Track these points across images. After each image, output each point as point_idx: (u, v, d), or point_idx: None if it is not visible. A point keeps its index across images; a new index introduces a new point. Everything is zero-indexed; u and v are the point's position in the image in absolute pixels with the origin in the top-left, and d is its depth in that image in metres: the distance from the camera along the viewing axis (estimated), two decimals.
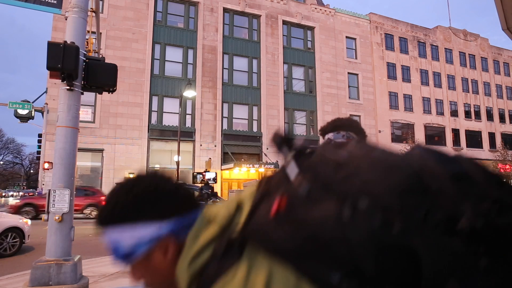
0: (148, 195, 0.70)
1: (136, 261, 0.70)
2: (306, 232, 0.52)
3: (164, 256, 0.70)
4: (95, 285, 4.96)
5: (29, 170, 61.08)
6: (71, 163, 4.47)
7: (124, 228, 0.69)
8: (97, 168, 22.49)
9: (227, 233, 0.62)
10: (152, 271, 0.71)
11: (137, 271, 0.73)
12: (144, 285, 0.75)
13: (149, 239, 0.69)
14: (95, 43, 6.93)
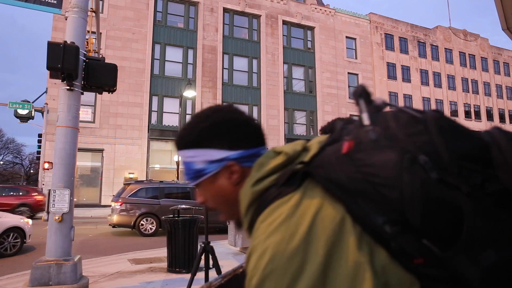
0: (224, 124, 0.79)
1: (204, 180, 0.80)
2: (365, 173, 0.57)
3: (229, 179, 0.78)
4: (95, 285, 4.96)
5: (29, 170, 61.06)
6: (71, 163, 4.47)
7: (199, 150, 0.79)
8: (97, 168, 22.49)
9: (292, 165, 0.68)
10: (216, 191, 0.80)
11: (203, 191, 0.82)
12: (207, 207, 0.85)
13: (218, 162, 0.77)
14: (95, 43, 6.93)
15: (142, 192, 11.04)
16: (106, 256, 7.22)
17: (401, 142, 0.58)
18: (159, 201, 10.58)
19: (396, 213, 0.55)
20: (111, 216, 10.79)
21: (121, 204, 10.44)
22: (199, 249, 4.19)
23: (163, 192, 11.28)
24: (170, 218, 5.82)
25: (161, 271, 5.70)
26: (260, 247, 0.58)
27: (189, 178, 0.82)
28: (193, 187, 0.89)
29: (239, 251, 7.48)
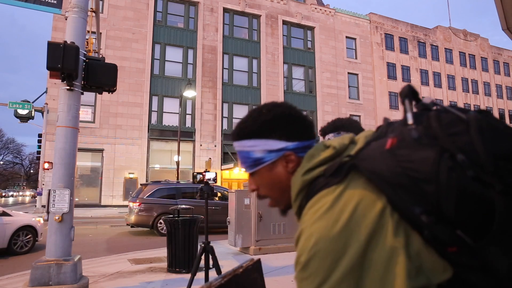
0: (284, 118, 0.87)
1: (261, 169, 0.87)
2: (405, 167, 0.63)
3: (285, 168, 0.85)
4: (95, 285, 4.96)
5: (29, 170, 61.06)
6: (71, 163, 4.47)
7: (259, 140, 0.86)
8: (97, 168, 22.49)
9: (339, 158, 0.75)
10: (272, 178, 0.86)
11: (258, 178, 0.89)
12: (257, 195, 0.92)
13: (276, 152, 0.85)
14: (95, 43, 6.93)
15: (159, 192, 11.20)
16: (106, 256, 7.22)
17: (441, 141, 0.63)
18: (176, 201, 10.72)
19: (432, 205, 0.61)
20: (129, 216, 10.91)
21: (140, 205, 10.59)
22: (199, 249, 4.19)
23: (180, 192, 11.42)
24: (170, 218, 5.82)
25: (161, 271, 5.70)
26: (307, 231, 0.66)
27: (246, 166, 0.89)
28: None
29: (239, 251, 7.48)
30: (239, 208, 7.21)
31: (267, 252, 7.05)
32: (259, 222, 7.12)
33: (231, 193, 7.66)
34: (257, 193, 0.92)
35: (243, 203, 7.26)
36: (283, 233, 7.36)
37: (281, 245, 7.27)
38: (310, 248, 0.63)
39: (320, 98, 28.96)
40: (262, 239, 7.15)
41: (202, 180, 4.31)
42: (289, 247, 7.32)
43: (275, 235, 7.28)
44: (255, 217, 7.11)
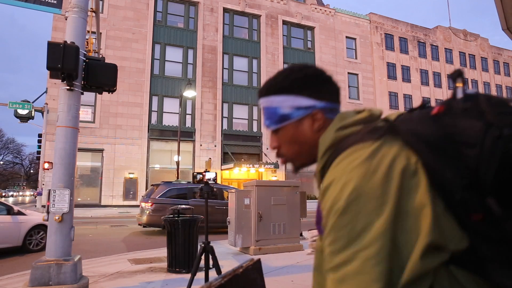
0: (315, 77, 0.88)
1: (286, 125, 0.87)
2: (448, 132, 0.66)
3: (311, 126, 0.86)
4: (95, 285, 4.96)
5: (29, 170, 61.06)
6: (71, 163, 4.47)
7: (289, 97, 0.86)
8: (97, 168, 22.49)
9: (374, 122, 0.78)
10: (296, 136, 0.87)
11: (281, 135, 0.89)
12: (277, 153, 0.92)
13: (305, 109, 0.86)
14: (95, 43, 6.93)
15: (171, 192, 11.28)
16: (106, 256, 7.22)
17: (489, 116, 0.64)
18: (187, 201, 10.78)
19: (468, 170, 0.63)
20: (141, 216, 10.96)
21: (152, 205, 10.64)
22: (199, 249, 4.19)
23: (191, 192, 11.50)
24: (170, 218, 5.82)
25: (161, 271, 5.70)
26: (343, 178, 0.66)
27: (271, 122, 0.89)
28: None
29: (239, 251, 7.48)
30: (239, 208, 7.21)
31: (267, 252, 7.05)
32: (259, 222, 7.12)
33: (231, 193, 7.66)
34: (277, 151, 0.93)
35: (243, 203, 7.26)
36: (283, 233, 7.36)
37: (281, 245, 7.27)
38: (350, 193, 0.64)
39: None
40: (262, 239, 7.15)
41: (202, 180, 4.31)
42: (289, 247, 7.32)
43: (275, 235, 7.28)
44: (255, 217, 7.11)
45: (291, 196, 7.54)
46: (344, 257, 0.62)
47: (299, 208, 7.67)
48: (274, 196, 7.33)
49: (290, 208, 7.48)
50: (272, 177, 25.08)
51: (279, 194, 7.39)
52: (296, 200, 7.61)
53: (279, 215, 7.33)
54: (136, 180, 22.77)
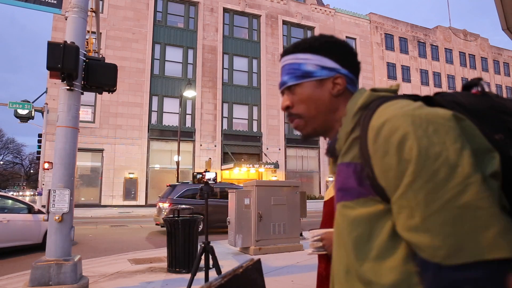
0: (343, 46, 0.90)
1: (305, 83, 0.88)
2: (490, 103, 0.72)
3: (332, 89, 0.87)
4: (95, 285, 4.96)
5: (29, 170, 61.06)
6: (71, 163, 4.47)
7: (315, 55, 0.88)
8: (97, 168, 22.49)
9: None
10: (314, 95, 0.87)
11: (297, 94, 0.89)
12: (289, 113, 0.92)
13: (329, 70, 0.87)
14: (95, 43, 6.93)
15: (188, 192, 11.33)
16: (106, 256, 7.22)
17: None
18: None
19: (505, 131, 0.69)
20: (159, 216, 11.00)
21: (170, 205, 10.74)
22: (199, 249, 4.19)
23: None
24: (170, 218, 5.82)
25: (161, 271, 5.70)
26: (399, 112, 0.67)
27: (292, 77, 0.89)
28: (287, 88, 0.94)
29: (239, 251, 7.48)
30: (239, 208, 7.21)
31: (267, 252, 7.05)
32: (259, 222, 7.12)
33: (231, 193, 7.66)
34: (288, 111, 0.92)
35: (243, 203, 7.26)
36: (283, 233, 7.36)
37: (281, 245, 7.27)
38: (422, 122, 0.64)
39: None
40: (262, 239, 7.15)
41: (202, 180, 4.31)
42: (289, 247, 7.32)
43: (275, 235, 7.28)
44: (255, 217, 7.11)
45: (291, 196, 7.54)
46: (452, 190, 0.59)
47: (299, 208, 7.67)
48: (274, 196, 7.33)
49: (290, 208, 7.48)
50: (272, 177, 25.08)
51: (279, 194, 7.39)
52: (296, 200, 7.61)
53: (279, 215, 7.33)
54: (136, 180, 22.77)
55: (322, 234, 1.65)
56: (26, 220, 7.96)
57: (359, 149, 0.73)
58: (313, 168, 28.45)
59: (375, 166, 0.68)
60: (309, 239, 1.70)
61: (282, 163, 26.31)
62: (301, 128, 0.91)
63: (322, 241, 1.65)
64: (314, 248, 1.68)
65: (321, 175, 28.25)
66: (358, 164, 0.73)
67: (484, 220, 0.58)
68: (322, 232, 1.66)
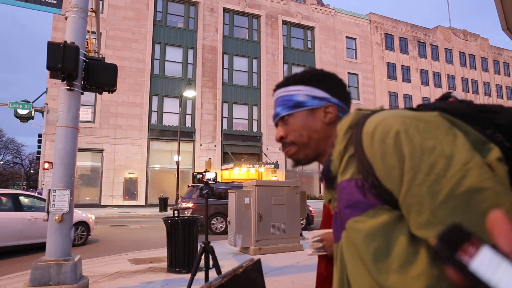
0: (333, 78, 0.96)
1: (298, 113, 0.92)
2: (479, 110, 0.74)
3: (323, 117, 0.92)
4: (95, 285, 4.96)
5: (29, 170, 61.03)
6: (71, 163, 4.47)
7: (306, 87, 0.93)
8: (97, 168, 22.49)
9: None
10: (307, 124, 0.92)
11: (291, 123, 0.93)
12: (283, 143, 0.95)
13: (320, 100, 0.92)
14: (95, 43, 6.93)
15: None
16: (106, 256, 7.22)
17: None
18: (226, 201, 11.01)
19: (493, 127, 0.71)
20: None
21: (194, 205, 10.94)
22: (199, 249, 4.19)
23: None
24: (170, 218, 5.82)
25: (161, 271, 5.70)
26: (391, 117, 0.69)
27: (284, 107, 0.94)
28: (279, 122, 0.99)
29: (239, 251, 7.48)
30: (239, 208, 7.21)
31: (267, 252, 7.05)
32: (259, 222, 7.12)
33: (231, 193, 7.66)
34: (283, 141, 0.95)
35: (243, 203, 7.26)
36: (283, 233, 7.36)
37: (281, 245, 7.27)
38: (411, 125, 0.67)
39: None
40: (262, 239, 7.15)
41: (202, 180, 4.31)
42: (289, 247, 7.32)
43: (275, 235, 7.28)
44: (255, 217, 7.12)
45: (291, 196, 7.54)
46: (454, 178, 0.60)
47: (299, 208, 7.67)
48: (274, 196, 7.33)
49: (290, 208, 7.48)
50: (272, 177, 25.08)
51: (279, 194, 7.39)
52: (296, 200, 7.61)
53: (279, 215, 7.33)
54: (136, 180, 22.77)
55: (322, 235, 1.65)
56: None
57: (357, 162, 0.73)
58: (313, 168, 28.45)
59: (378, 170, 0.68)
60: (309, 239, 1.70)
61: (282, 163, 26.32)
62: (293, 154, 0.94)
63: (322, 242, 1.65)
64: (314, 248, 1.69)
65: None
66: (359, 179, 0.73)
67: (492, 200, 0.58)
68: (322, 232, 1.66)
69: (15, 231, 7.56)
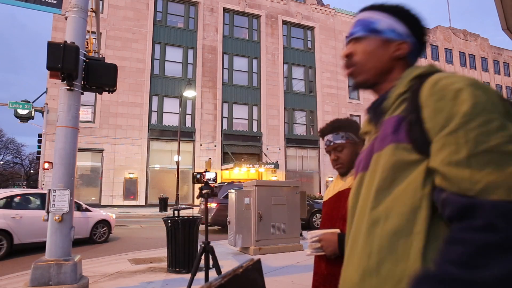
0: (419, 19, 0.95)
1: (372, 39, 0.94)
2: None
3: (392, 51, 0.93)
4: (95, 285, 4.96)
5: (29, 170, 61.01)
6: (71, 163, 4.47)
7: (391, 17, 0.94)
8: (97, 168, 22.49)
9: None
10: (375, 52, 0.93)
11: (361, 45, 0.95)
12: (347, 62, 0.97)
13: (398, 34, 0.93)
14: (95, 43, 6.93)
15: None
16: (106, 256, 7.22)
17: None
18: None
19: None
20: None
21: (218, 205, 11.04)
22: (199, 249, 4.19)
23: None
24: (170, 218, 5.82)
25: (161, 271, 5.70)
26: (463, 77, 0.75)
27: (361, 29, 0.96)
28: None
29: (239, 251, 7.48)
30: (239, 208, 7.21)
31: (267, 252, 7.05)
32: (259, 222, 7.12)
33: (231, 193, 7.66)
34: (347, 59, 0.97)
35: (243, 203, 7.26)
36: (283, 233, 7.36)
37: (281, 245, 7.27)
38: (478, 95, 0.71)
39: (320, 98, 28.95)
40: (262, 239, 7.15)
41: (202, 180, 4.31)
42: (289, 247, 7.32)
43: (275, 235, 7.28)
44: (255, 217, 7.12)
45: (291, 196, 7.54)
46: (502, 138, 0.65)
47: (299, 208, 7.67)
48: (274, 196, 7.33)
49: (290, 208, 7.48)
50: (272, 177, 25.08)
51: (279, 194, 7.39)
52: (296, 200, 7.61)
53: (279, 215, 7.33)
54: (136, 180, 22.77)
55: (320, 235, 1.66)
56: (76, 216, 8.87)
57: (407, 103, 0.80)
58: (313, 168, 28.45)
59: (426, 108, 0.74)
60: (308, 239, 1.70)
61: (282, 163, 26.32)
62: (354, 76, 0.97)
63: (321, 242, 1.65)
64: (312, 249, 1.69)
65: (321, 175, 28.24)
66: (400, 116, 0.80)
67: None
68: (321, 233, 1.67)
69: (43, 228, 7.81)
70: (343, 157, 1.74)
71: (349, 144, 1.74)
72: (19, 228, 7.58)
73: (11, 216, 7.60)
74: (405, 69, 0.92)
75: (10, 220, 7.55)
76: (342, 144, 1.74)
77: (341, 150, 1.75)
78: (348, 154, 1.74)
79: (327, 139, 1.79)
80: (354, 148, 1.74)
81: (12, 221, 7.56)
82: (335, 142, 1.75)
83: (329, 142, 1.78)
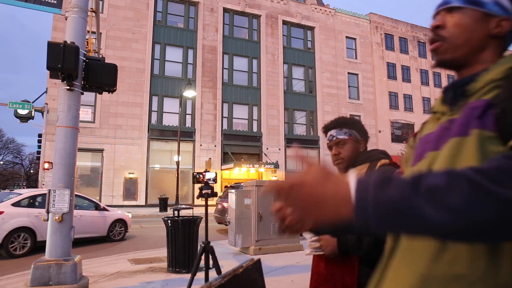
0: None
1: (471, 11, 0.82)
2: None
3: (492, 28, 0.82)
4: (95, 285, 4.96)
5: (29, 170, 61.00)
6: (71, 163, 4.47)
7: None
8: (97, 168, 22.49)
9: None
10: (471, 25, 0.82)
11: (456, 18, 0.84)
12: (436, 32, 0.86)
13: (502, 9, 0.82)
14: (95, 43, 6.93)
15: None
16: (106, 256, 7.22)
17: None
18: None
19: None
20: (222, 216, 11.19)
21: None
22: (199, 249, 4.19)
23: None
24: (170, 218, 5.82)
25: (161, 271, 5.70)
26: None
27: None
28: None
29: (239, 251, 7.48)
30: (239, 208, 7.21)
31: (267, 252, 7.05)
32: (259, 222, 7.12)
33: (230, 193, 7.66)
34: (435, 32, 0.86)
35: (243, 203, 7.26)
36: None
37: (281, 245, 7.27)
38: None
39: (320, 98, 28.96)
40: (262, 239, 7.15)
41: (202, 180, 4.31)
42: (289, 247, 7.32)
43: (275, 235, 7.28)
44: (255, 217, 7.12)
45: None
46: None
47: None
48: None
49: None
50: (272, 177, 25.08)
51: None
52: None
53: None
54: (136, 180, 22.77)
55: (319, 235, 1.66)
56: (94, 215, 9.31)
57: (502, 91, 0.72)
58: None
59: None
60: (308, 239, 1.70)
61: (282, 163, 26.31)
62: (440, 52, 0.86)
63: (320, 242, 1.65)
64: (311, 248, 1.69)
65: None
66: (491, 102, 0.72)
67: None
68: None
69: None
70: (344, 152, 1.75)
71: (351, 141, 1.75)
72: (42, 226, 7.75)
73: (35, 215, 7.93)
74: (500, 49, 0.83)
75: (33, 218, 7.92)
76: (345, 139, 1.75)
77: (342, 146, 1.76)
78: (349, 150, 1.74)
79: (330, 134, 1.80)
80: (356, 146, 1.75)
81: (35, 219, 7.90)
82: (337, 137, 1.76)
83: (331, 137, 1.79)
